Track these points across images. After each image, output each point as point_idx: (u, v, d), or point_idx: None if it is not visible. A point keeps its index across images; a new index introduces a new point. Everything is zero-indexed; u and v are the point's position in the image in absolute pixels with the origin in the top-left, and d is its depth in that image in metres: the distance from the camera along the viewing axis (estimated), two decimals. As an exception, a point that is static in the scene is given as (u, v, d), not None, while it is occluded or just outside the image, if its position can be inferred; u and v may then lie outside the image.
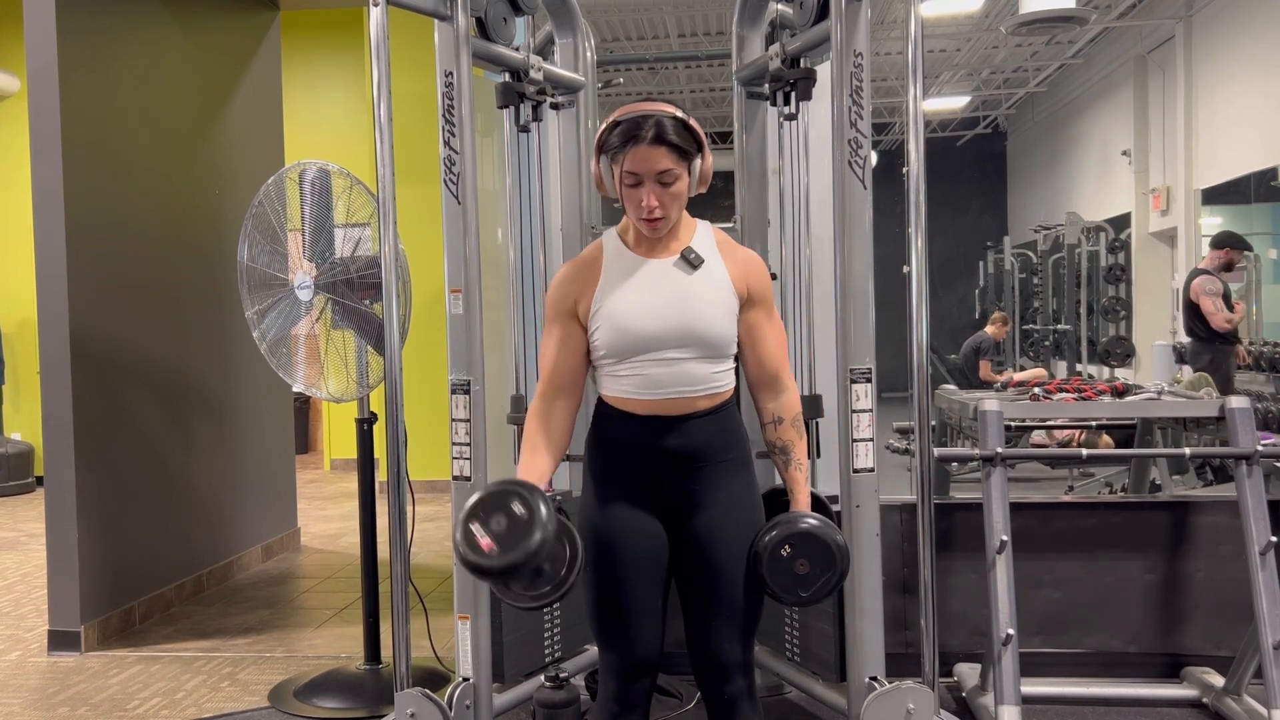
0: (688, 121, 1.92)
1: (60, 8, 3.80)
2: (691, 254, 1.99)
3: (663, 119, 1.89)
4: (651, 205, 1.91)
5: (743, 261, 2.04)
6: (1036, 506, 3.33)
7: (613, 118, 1.94)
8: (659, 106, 1.92)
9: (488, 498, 1.82)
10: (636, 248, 2.02)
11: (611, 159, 1.93)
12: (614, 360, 1.99)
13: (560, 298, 2.03)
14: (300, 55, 7.57)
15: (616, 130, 1.91)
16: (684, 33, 8.99)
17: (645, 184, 1.91)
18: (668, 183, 1.91)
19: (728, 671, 2.02)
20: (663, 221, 1.94)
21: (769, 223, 3.09)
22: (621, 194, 1.95)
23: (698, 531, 2.01)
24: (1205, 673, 3.14)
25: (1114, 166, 9.90)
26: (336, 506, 6.84)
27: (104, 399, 4.04)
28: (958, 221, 12.77)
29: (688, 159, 1.92)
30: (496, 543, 1.76)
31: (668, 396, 1.97)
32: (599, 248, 2.05)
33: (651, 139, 1.88)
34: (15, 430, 7.92)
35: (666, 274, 1.99)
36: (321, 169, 3.31)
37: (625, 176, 1.92)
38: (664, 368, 1.96)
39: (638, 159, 1.89)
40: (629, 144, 1.89)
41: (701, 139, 1.95)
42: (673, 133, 1.89)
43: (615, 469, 2.03)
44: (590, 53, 3.21)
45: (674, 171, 1.91)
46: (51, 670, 3.68)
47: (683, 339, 1.96)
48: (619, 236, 2.05)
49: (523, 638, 2.89)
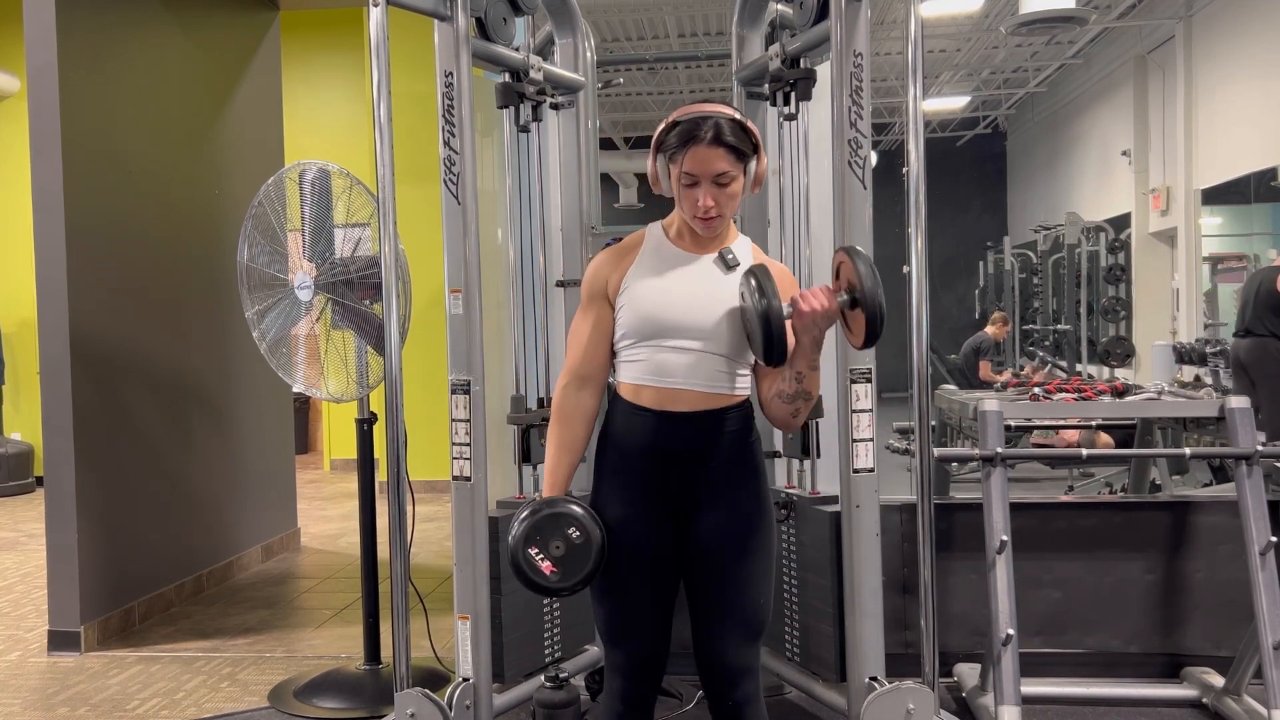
0: (745, 123, 1.94)
1: (60, 8, 3.80)
2: (730, 255, 2.03)
3: (721, 120, 1.91)
4: (708, 205, 1.94)
5: (775, 273, 2.05)
6: (1036, 506, 3.33)
7: (672, 118, 1.96)
8: (717, 108, 1.94)
9: (543, 522, 1.97)
10: (678, 241, 2.05)
11: (669, 159, 1.96)
12: (631, 341, 2.00)
13: (595, 279, 2.06)
14: (300, 55, 7.57)
15: (675, 131, 1.93)
16: (684, 33, 8.99)
17: (702, 184, 1.93)
18: (724, 184, 1.93)
19: (735, 676, 2.02)
20: (718, 220, 1.97)
21: (769, 223, 3.09)
22: (678, 193, 1.98)
23: (706, 534, 2.01)
24: (1205, 673, 3.14)
25: (1114, 166, 9.91)
26: (336, 506, 6.84)
27: (104, 399, 4.04)
28: (958, 221, 12.77)
29: (744, 160, 1.94)
30: (558, 566, 1.96)
31: (678, 387, 1.97)
32: (641, 236, 2.09)
33: (710, 140, 1.90)
34: (15, 430, 7.92)
35: (702, 269, 2.02)
36: (321, 169, 3.31)
37: (683, 177, 1.94)
38: (678, 355, 1.97)
39: (696, 160, 1.91)
40: (688, 144, 1.91)
41: (758, 140, 1.97)
42: (730, 134, 1.91)
43: (626, 468, 2.03)
44: (590, 53, 3.21)
45: (730, 173, 1.93)
46: (51, 670, 3.68)
47: (702, 332, 1.97)
48: (663, 229, 2.08)
49: (523, 638, 2.89)
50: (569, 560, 1.95)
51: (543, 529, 1.96)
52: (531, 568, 1.96)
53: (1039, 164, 12.66)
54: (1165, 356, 7.24)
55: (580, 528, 1.96)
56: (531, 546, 1.96)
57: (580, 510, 1.98)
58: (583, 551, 1.95)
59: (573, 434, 2.05)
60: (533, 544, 1.96)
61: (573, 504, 1.99)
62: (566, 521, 1.96)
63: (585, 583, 1.98)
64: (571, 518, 1.96)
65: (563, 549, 1.95)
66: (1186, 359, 6.76)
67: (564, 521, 1.96)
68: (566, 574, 1.96)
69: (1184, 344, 7.03)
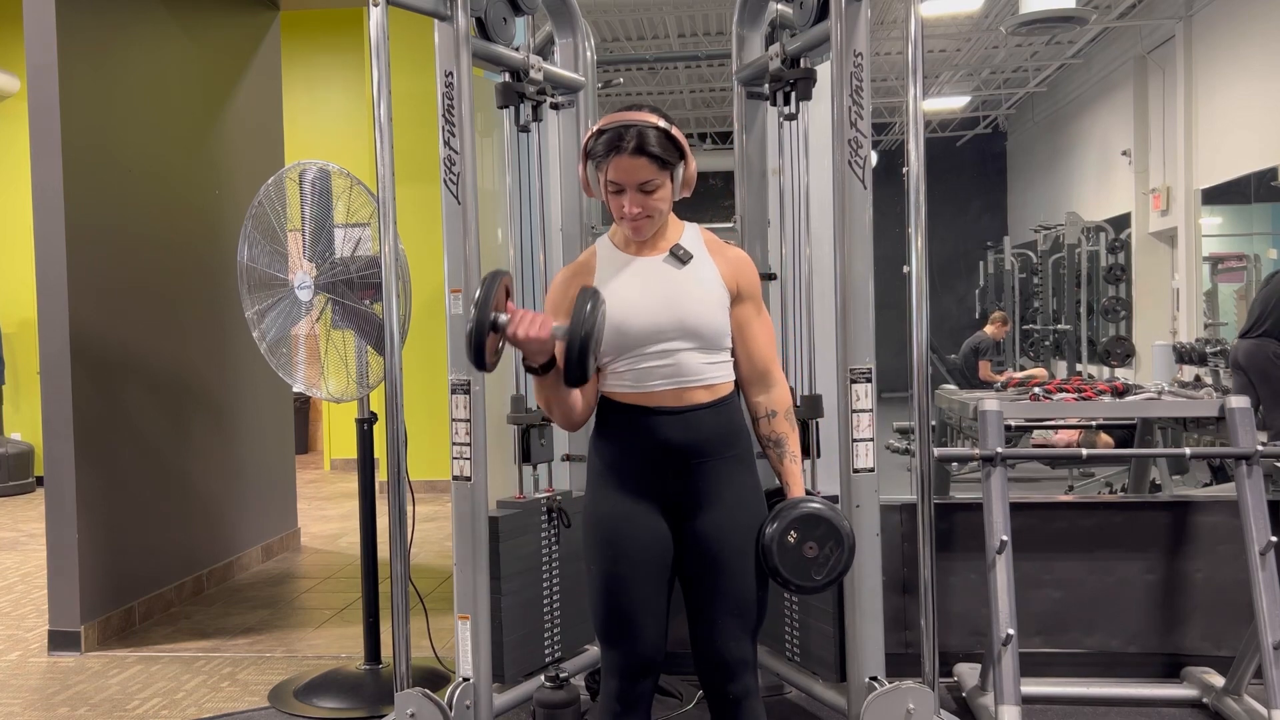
0: (669, 131, 1.96)
1: (60, 8, 3.80)
2: (680, 250, 2.04)
3: (645, 130, 1.93)
4: (634, 211, 1.96)
5: (732, 259, 2.08)
6: (1036, 506, 3.33)
7: (598, 125, 1.98)
8: (642, 116, 1.95)
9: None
10: (626, 249, 2.07)
11: (596, 166, 1.98)
12: (611, 357, 2.01)
13: (559, 299, 2.07)
14: (300, 55, 7.57)
15: (601, 139, 1.95)
16: (684, 33, 8.99)
17: (627, 191, 1.96)
18: (649, 190, 1.96)
19: (733, 670, 2.02)
20: (646, 223, 1.99)
21: (769, 223, 3.09)
22: (606, 199, 2.01)
23: (703, 529, 2.01)
24: (1205, 673, 3.14)
25: (1114, 166, 9.90)
26: (336, 506, 6.84)
27: (104, 399, 4.04)
28: (958, 221, 12.77)
29: (669, 167, 1.96)
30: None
31: (666, 388, 1.99)
32: (593, 252, 2.11)
33: (633, 150, 1.92)
34: (15, 430, 7.92)
35: (657, 269, 2.03)
36: (321, 169, 3.31)
37: (609, 184, 1.97)
38: (660, 360, 1.99)
39: (620, 169, 1.94)
40: (611, 153, 1.93)
41: (684, 147, 1.99)
42: (654, 143, 1.93)
43: (619, 467, 2.03)
44: (590, 53, 3.21)
45: (655, 181, 1.95)
46: (51, 670, 3.68)
47: (676, 331, 1.98)
48: (610, 240, 2.10)
49: (523, 638, 2.89)
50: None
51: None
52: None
53: (1039, 164, 12.65)
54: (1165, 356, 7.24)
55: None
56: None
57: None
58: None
59: (569, 404, 2.02)
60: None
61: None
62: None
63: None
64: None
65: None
66: (1186, 359, 6.76)
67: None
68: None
69: (1184, 344, 7.03)
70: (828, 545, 1.96)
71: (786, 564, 1.96)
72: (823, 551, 1.96)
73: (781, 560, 1.96)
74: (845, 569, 1.99)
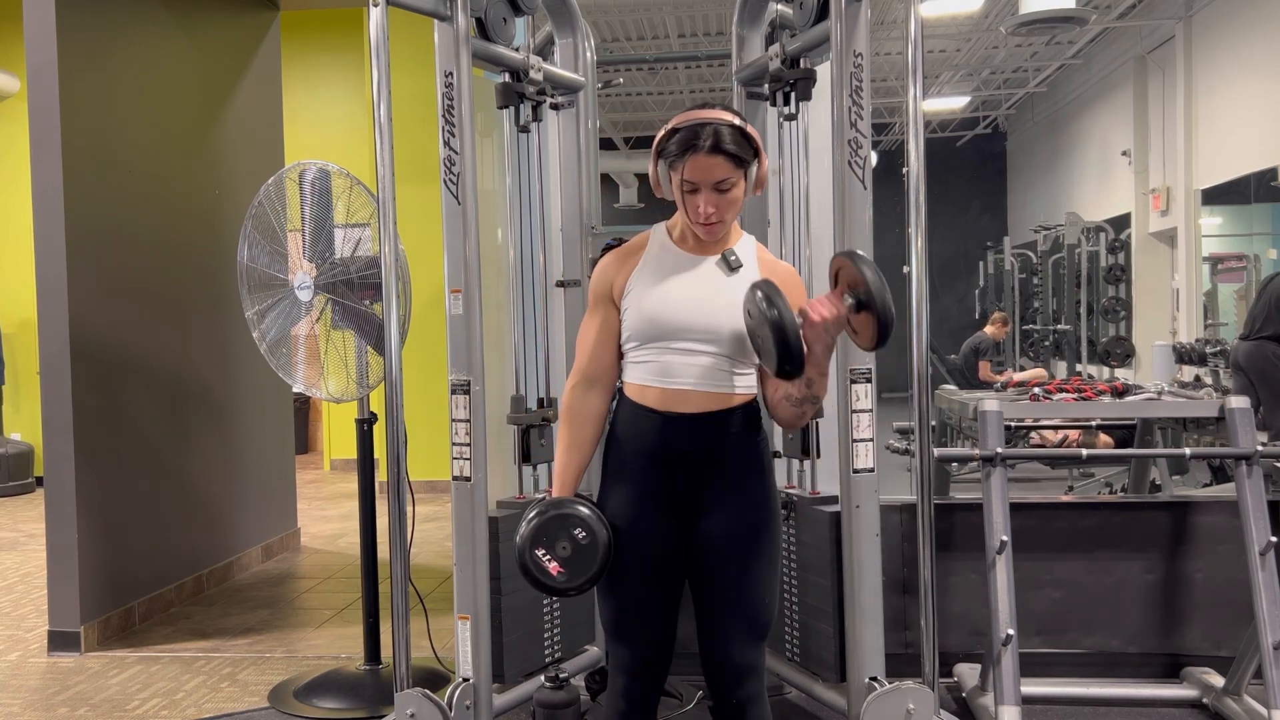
0: (745, 129, 1.94)
1: (60, 8, 3.80)
2: (732, 256, 2.03)
3: (720, 127, 1.91)
4: (709, 212, 1.94)
5: (781, 274, 2.06)
6: (1036, 506, 3.33)
7: (671, 124, 1.96)
8: (717, 114, 1.93)
9: (550, 522, 1.97)
10: (681, 243, 2.05)
11: (670, 165, 1.96)
12: (637, 344, 2.01)
13: (600, 282, 2.07)
14: (300, 55, 7.57)
15: (675, 138, 1.93)
16: (684, 33, 8.99)
17: (702, 191, 1.93)
18: (724, 190, 1.93)
19: (741, 674, 2.02)
20: (719, 226, 1.97)
21: (769, 223, 3.09)
22: (679, 199, 1.98)
23: (712, 533, 2.01)
24: (1205, 673, 3.14)
25: (1114, 166, 9.90)
26: (336, 506, 6.84)
27: (104, 399, 4.04)
28: (958, 221, 12.77)
29: (744, 166, 1.94)
30: (564, 566, 1.97)
31: (683, 387, 1.98)
32: (645, 238, 2.09)
33: (709, 148, 1.90)
34: (15, 430, 7.92)
35: (705, 271, 2.02)
36: (321, 169, 3.31)
37: (683, 184, 1.94)
38: (683, 357, 1.98)
39: (696, 168, 1.91)
40: (687, 152, 1.91)
41: (758, 145, 1.97)
42: (730, 141, 1.91)
43: (632, 468, 2.03)
44: (590, 53, 3.21)
45: (730, 179, 1.93)
46: (51, 670, 3.68)
47: (706, 334, 1.97)
48: (667, 231, 2.08)
49: (523, 638, 2.89)
50: (575, 561, 1.96)
51: (549, 529, 1.96)
52: (538, 568, 1.97)
53: (1039, 164, 12.65)
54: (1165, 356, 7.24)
55: (587, 529, 1.96)
56: (538, 547, 1.97)
57: (587, 511, 1.98)
58: (589, 552, 1.96)
59: (582, 435, 2.06)
60: (540, 544, 1.97)
61: (580, 504, 1.99)
62: (573, 522, 1.96)
63: (591, 583, 1.98)
64: (578, 518, 1.97)
65: (569, 549, 1.96)
66: (1186, 359, 6.76)
67: (571, 522, 1.96)
68: (573, 574, 1.96)
69: (1184, 344, 7.03)
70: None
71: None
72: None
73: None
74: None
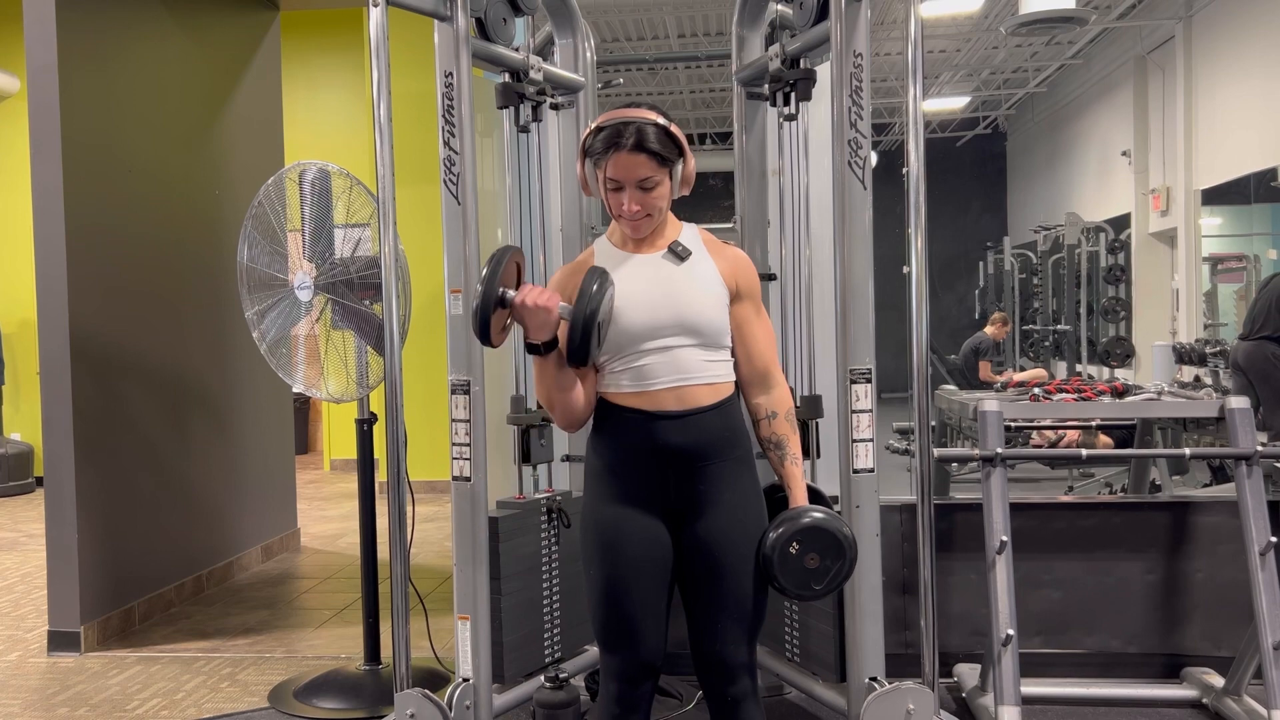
0: (669, 128, 1.96)
1: (60, 7, 3.80)
2: (679, 247, 2.04)
3: (644, 126, 1.93)
4: (633, 209, 1.96)
5: (730, 258, 2.08)
6: (1036, 506, 3.33)
7: (596, 122, 1.98)
8: (641, 113, 1.95)
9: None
10: (624, 247, 2.07)
11: (595, 163, 1.98)
12: (609, 356, 2.01)
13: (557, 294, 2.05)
14: (300, 55, 7.57)
15: (599, 136, 1.95)
16: (684, 33, 8.99)
17: (626, 189, 1.95)
18: (648, 188, 1.95)
19: (733, 672, 2.02)
20: (645, 221, 1.99)
21: (769, 223, 3.09)
22: (605, 196, 2.00)
23: (703, 533, 2.01)
24: (1205, 673, 3.14)
25: (1114, 167, 9.90)
26: (336, 507, 6.84)
27: (104, 399, 4.04)
28: (958, 221, 12.77)
29: (668, 165, 1.96)
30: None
31: (665, 387, 1.98)
32: (591, 252, 2.11)
33: (632, 146, 1.92)
34: (15, 430, 7.92)
35: (655, 266, 2.03)
36: (321, 169, 3.31)
37: (608, 181, 1.96)
38: (658, 357, 1.98)
39: (619, 166, 1.93)
40: (610, 150, 1.93)
41: (683, 144, 1.99)
42: (653, 140, 1.93)
43: (618, 469, 2.03)
44: (590, 53, 3.21)
45: (654, 178, 1.95)
46: (51, 671, 3.68)
47: (675, 327, 1.98)
48: (608, 239, 2.10)
49: (523, 638, 2.89)
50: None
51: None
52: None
53: (1039, 164, 12.65)
54: (1165, 357, 7.24)
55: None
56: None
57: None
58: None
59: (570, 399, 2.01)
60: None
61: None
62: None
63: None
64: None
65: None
66: (1186, 359, 6.76)
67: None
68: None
69: (1184, 344, 7.02)
70: (829, 556, 1.97)
71: (788, 575, 1.97)
72: (824, 562, 1.97)
73: (783, 571, 1.97)
74: (845, 578, 2.01)
